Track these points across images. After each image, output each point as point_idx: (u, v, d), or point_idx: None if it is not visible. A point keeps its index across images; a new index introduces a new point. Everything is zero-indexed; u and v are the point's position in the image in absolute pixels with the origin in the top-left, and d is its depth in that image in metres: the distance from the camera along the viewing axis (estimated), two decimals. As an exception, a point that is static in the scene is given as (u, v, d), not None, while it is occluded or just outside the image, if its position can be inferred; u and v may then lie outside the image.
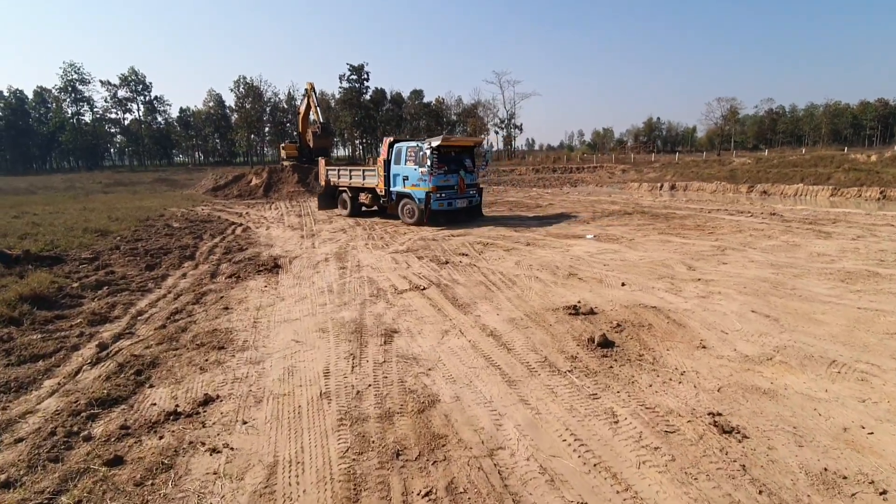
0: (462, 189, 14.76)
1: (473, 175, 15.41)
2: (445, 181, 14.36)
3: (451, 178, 14.52)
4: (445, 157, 14.43)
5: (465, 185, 14.85)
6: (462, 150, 15.24)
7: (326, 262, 9.71)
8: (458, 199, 14.80)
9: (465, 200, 15.04)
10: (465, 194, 14.94)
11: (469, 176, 15.08)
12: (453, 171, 14.55)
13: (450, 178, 14.48)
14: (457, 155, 14.90)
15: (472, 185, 15.34)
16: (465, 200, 15.07)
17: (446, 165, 14.37)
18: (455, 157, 14.80)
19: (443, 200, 14.38)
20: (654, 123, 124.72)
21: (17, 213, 20.01)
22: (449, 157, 14.58)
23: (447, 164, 14.41)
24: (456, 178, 14.62)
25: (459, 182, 14.67)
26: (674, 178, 32.95)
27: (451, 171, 14.51)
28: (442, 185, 14.30)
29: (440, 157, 14.08)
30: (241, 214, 19.60)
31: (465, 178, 14.77)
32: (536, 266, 8.66)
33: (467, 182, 14.96)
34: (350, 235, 13.31)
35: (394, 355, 4.90)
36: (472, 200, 15.35)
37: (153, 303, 6.83)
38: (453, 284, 7.55)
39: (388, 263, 9.37)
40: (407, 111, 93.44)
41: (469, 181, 15.09)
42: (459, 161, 14.90)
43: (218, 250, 11.20)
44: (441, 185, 14.27)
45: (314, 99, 27.85)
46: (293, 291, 7.43)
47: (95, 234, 13.11)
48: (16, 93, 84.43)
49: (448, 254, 10.15)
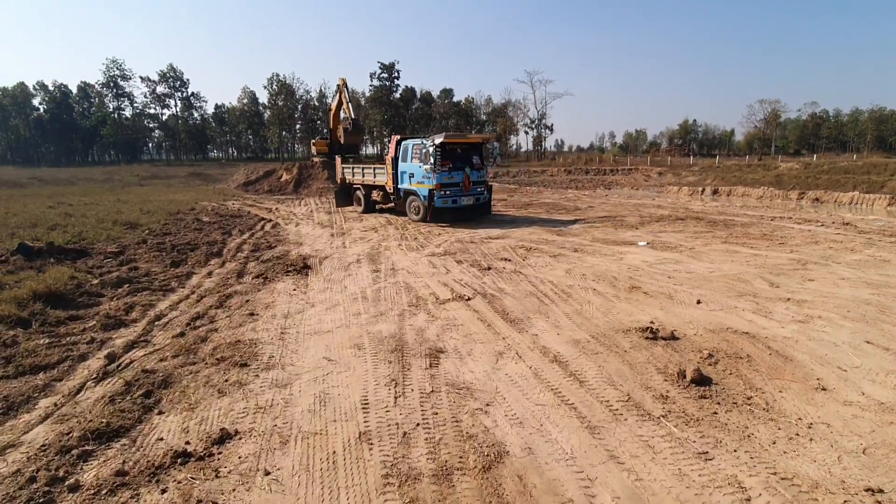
0: (467, 187, 14.48)
1: (482, 172, 15.12)
2: (450, 178, 14.12)
3: (455, 175, 14.24)
4: (451, 155, 14.24)
5: (471, 182, 14.59)
6: (469, 147, 14.99)
7: (358, 264, 9.02)
8: (463, 196, 14.50)
9: (471, 198, 14.76)
10: (470, 192, 14.66)
11: (476, 173, 14.81)
12: (459, 168, 14.29)
13: (454, 175, 14.22)
14: (463, 152, 14.67)
15: (479, 182, 15.02)
16: (472, 198, 14.78)
17: (451, 163, 14.17)
18: (461, 155, 14.56)
19: (447, 198, 14.17)
20: (690, 125, 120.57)
21: (54, 203, 20.25)
22: (455, 155, 14.38)
23: (452, 162, 14.22)
24: (461, 176, 14.33)
25: (465, 179, 14.37)
26: (715, 183, 31.24)
27: (457, 169, 14.26)
28: (446, 182, 14.08)
29: (445, 154, 13.95)
30: (271, 210, 19.26)
31: (470, 176, 14.50)
32: (591, 276, 7.74)
33: (473, 179, 14.69)
34: (382, 235, 12.64)
35: (442, 383, 4.11)
36: (479, 198, 15.05)
37: (174, 305, 6.26)
38: (500, 295, 6.72)
39: (424, 267, 8.61)
40: (436, 110, 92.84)
41: (476, 178, 14.81)
42: (466, 159, 14.64)
43: (246, 247, 10.69)
44: (445, 182, 14.05)
45: (346, 95, 27.39)
46: (324, 297, 6.74)
47: (125, 226, 12.85)
48: (60, 87, 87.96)
49: (489, 258, 9.32)
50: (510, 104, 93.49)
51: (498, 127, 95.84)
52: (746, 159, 57.73)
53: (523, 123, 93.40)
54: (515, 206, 19.19)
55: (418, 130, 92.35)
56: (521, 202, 20.79)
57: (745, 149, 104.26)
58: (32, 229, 12.30)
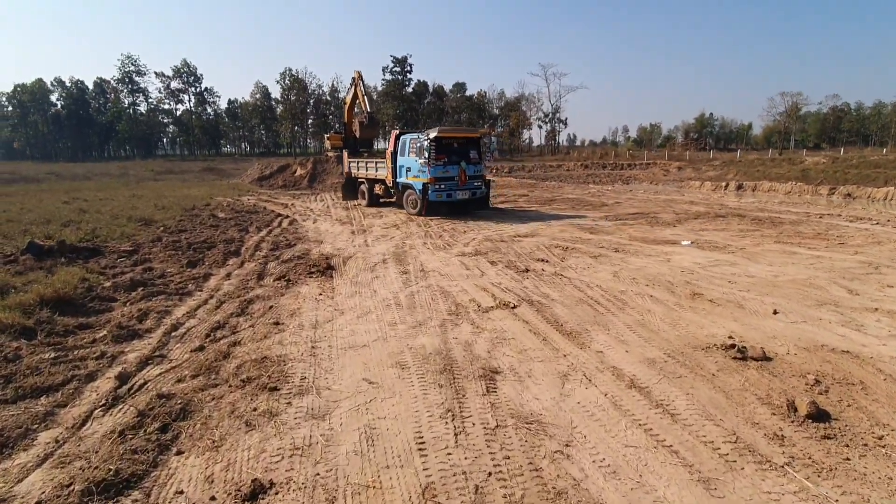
0: (463, 181, 14.37)
1: (478, 167, 15.03)
2: (444, 173, 14.11)
3: (450, 169, 14.20)
4: (447, 149, 14.22)
5: (467, 176, 14.49)
6: (467, 142, 14.91)
7: (385, 265, 8.42)
8: (458, 190, 14.41)
9: (466, 192, 14.65)
10: (466, 186, 14.55)
11: (472, 168, 14.74)
12: (454, 162, 14.23)
13: (449, 169, 14.18)
14: (460, 147, 14.60)
15: (476, 177, 14.94)
16: (468, 192, 14.68)
17: (446, 157, 14.15)
18: (458, 149, 14.50)
19: (441, 192, 14.14)
20: (707, 119, 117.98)
21: (69, 198, 20.01)
22: (451, 149, 14.34)
23: (448, 156, 14.19)
24: (457, 170, 14.26)
25: (460, 174, 14.28)
26: (737, 177, 30.13)
27: (452, 163, 14.20)
28: (441, 176, 14.07)
29: (441, 148, 13.99)
30: (287, 206, 18.78)
31: (466, 170, 14.39)
32: (643, 280, 7.03)
33: (469, 174, 14.60)
34: (404, 232, 12.03)
35: (507, 413, 3.48)
36: (475, 192, 14.94)
37: (192, 311, 5.71)
38: (548, 302, 6.06)
39: (456, 269, 7.97)
40: (449, 104, 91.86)
41: (472, 173, 14.74)
42: (463, 153, 14.56)
43: (265, 245, 10.15)
44: (440, 176, 14.06)
45: (362, 88, 26.62)
46: (353, 303, 6.14)
47: (139, 223, 12.41)
48: (77, 83, 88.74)
49: (524, 259, 8.65)
50: (523, 98, 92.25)
51: (511, 121, 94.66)
52: (770, 153, 55.98)
53: (537, 117, 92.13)
54: (538, 202, 18.46)
55: (430, 125, 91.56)
56: (544, 198, 20.04)
57: (762, 143, 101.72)
58: (46, 226, 11.92)
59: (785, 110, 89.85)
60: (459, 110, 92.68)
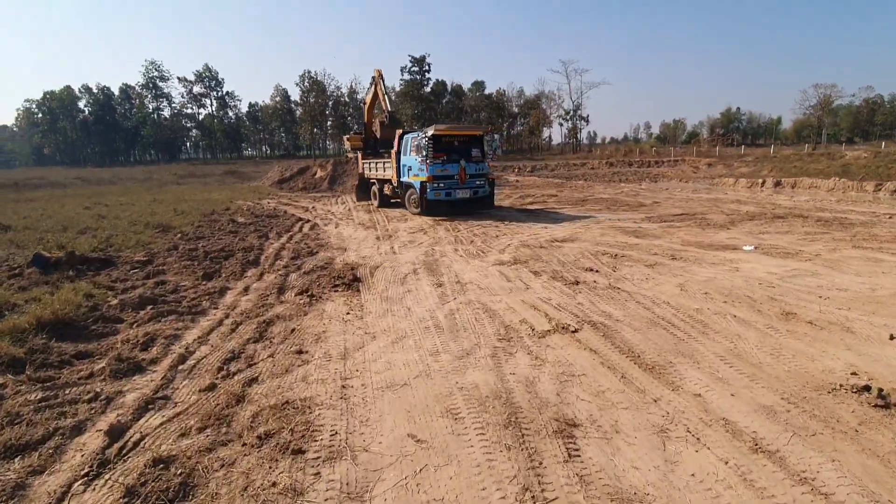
0: (462, 179, 14.07)
1: (481, 165, 14.66)
2: (443, 171, 13.86)
3: (449, 167, 13.92)
4: (446, 147, 13.99)
5: (468, 175, 14.21)
6: (469, 140, 14.57)
7: (416, 276, 7.63)
8: (458, 189, 14.13)
9: (467, 191, 14.33)
10: (466, 184, 14.24)
11: (474, 166, 14.42)
12: (454, 160, 13.94)
13: (448, 167, 13.90)
14: (461, 145, 14.32)
15: (478, 175, 14.60)
16: (469, 191, 14.36)
17: (445, 155, 13.90)
18: (458, 147, 14.23)
19: (440, 190, 13.91)
20: (733, 114, 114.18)
21: (91, 203, 19.87)
22: (451, 147, 14.09)
23: (448, 154, 13.95)
24: (456, 168, 13.95)
25: (460, 172, 13.97)
26: (773, 174, 28.50)
27: (452, 161, 13.92)
28: (439, 174, 13.84)
29: (440, 146, 13.81)
30: (308, 209, 18.21)
31: (466, 168, 14.07)
32: (716, 295, 6.07)
33: (471, 172, 14.31)
34: (432, 237, 11.24)
35: (602, 492, 2.63)
36: (477, 191, 14.61)
37: (204, 336, 5.00)
38: (612, 323, 5.16)
39: (496, 281, 7.13)
40: (468, 103, 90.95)
41: (474, 171, 14.42)
42: (464, 151, 14.28)
43: (285, 254, 9.48)
44: (438, 174, 13.82)
45: (382, 87, 25.92)
46: (386, 324, 5.36)
47: (157, 229, 11.93)
48: (103, 90, 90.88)
49: (571, 268, 7.75)
50: (543, 95, 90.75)
51: (531, 120, 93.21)
52: (807, 148, 53.45)
53: (557, 115, 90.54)
54: (570, 203, 17.46)
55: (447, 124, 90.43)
56: (575, 198, 19.01)
57: (792, 137, 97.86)
58: (62, 233, 11.53)
59: (818, 102, 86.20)
60: (478, 109, 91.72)
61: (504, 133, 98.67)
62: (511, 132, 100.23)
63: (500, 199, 19.20)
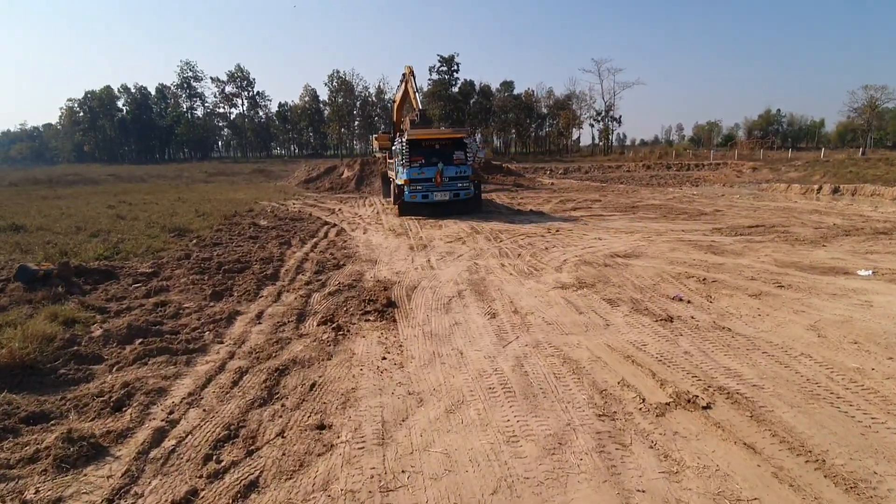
0: (438, 182, 14.20)
1: (462, 168, 14.72)
2: (420, 174, 14.21)
3: (426, 171, 14.22)
4: (425, 151, 14.37)
5: (447, 178, 14.37)
6: (451, 143, 14.79)
7: (462, 300, 6.31)
8: (436, 192, 14.32)
9: (446, 193, 14.40)
10: (445, 187, 14.35)
11: (454, 168, 14.55)
12: (432, 164, 14.21)
13: (425, 171, 14.22)
14: (442, 148, 14.59)
15: (459, 178, 14.66)
16: (447, 193, 14.42)
17: (423, 158, 14.28)
18: (439, 151, 14.50)
19: (416, 193, 14.22)
20: (773, 116, 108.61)
21: (116, 202, 19.36)
22: (431, 151, 14.43)
23: (426, 158, 14.28)
24: (433, 172, 14.17)
25: (436, 175, 14.14)
26: (826, 179, 26.01)
27: (430, 164, 14.21)
28: (416, 178, 14.18)
29: (419, 150, 14.29)
30: (334, 211, 17.13)
31: (443, 171, 14.22)
32: (869, 344, 4.52)
33: (450, 175, 14.45)
34: (473, 248, 9.90)
35: None
36: (459, 194, 14.62)
37: (196, 392, 3.79)
38: (751, 391, 3.70)
39: (564, 312, 5.73)
40: (496, 103, 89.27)
41: (453, 174, 14.54)
42: (444, 154, 14.49)
43: (308, 266, 8.31)
44: (415, 178, 14.18)
45: (413, 84, 24.72)
46: (435, 378, 4.04)
47: (173, 233, 10.97)
48: (141, 89, 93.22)
49: (652, 296, 6.28)
50: (574, 95, 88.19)
51: (560, 121, 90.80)
52: (862, 152, 49.72)
53: (588, 115, 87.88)
54: (619, 210, 15.82)
55: (477, 125, 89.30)
56: (622, 204, 17.34)
57: (836, 141, 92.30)
58: (74, 236, 10.71)
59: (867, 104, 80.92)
60: (507, 110, 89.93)
61: (532, 134, 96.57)
62: (539, 133, 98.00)
63: (539, 205, 17.73)
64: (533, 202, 18.50)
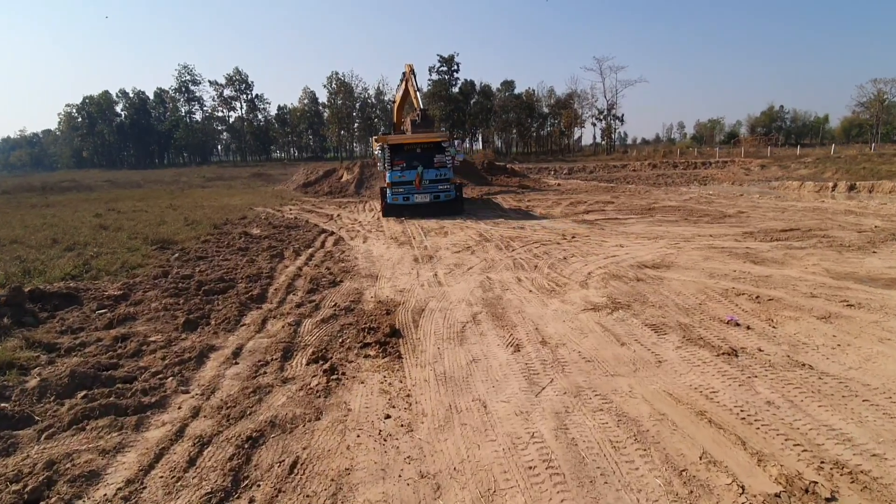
0: (418, 185, 14.87)
1: (443, 171, 15.33)
2: (400, 177, 14.93)
3: (407, 174, 14.96)
4: (406, 154, 15.03)
5: (428, 181, 15.01)
6: (433, 147, 15.33)
7: (478, 326, 5.38)
8: (416, 194, 14.97)
9: (427, 196, 15.05)
10: (426, 189, 15.02)
11: (434, 172, 15.17)
12: (412, 167, 14.92)
13: (406, 174, 14.95)
14: (423, 152, 15.17)
15: (440, 180, 15.26)
16: (428, 196, 15.06)
17: (404, 162, 14.95)
18: (420, 155, 15.10)
19: (398, 195, 14.89)
20: (776, 112, 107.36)
21: (104, 209, 18.47)
22: (412, 154, 15.07)
23: (407, 161, 14.96)
24: (413, 174, 14.88)
25: (416, 178, 14.82)
26: (839, 176, 25.08)
27: (411, 168, 14.92)
28: (398, 181, 14.91)
29: (400, 154, 15.00)
30: (332, 217, 16.21)
31: (423, 175, 14.90)
32: None
33: (430, 178, 15.08)
34: (483, 259, 8.97)
35: None
36: (439, 196, 15.18)
37: (139, 477, 2.86)
38: (876, 466, 2.76)
39: (601, 342, 4.79)
40: (497, 103, 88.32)
41: (433, 177, 15.15)
42: (425, 158, 15.11)
43: (300, 284, 7.38)
44: (396, 181, 14.91)
45: (413, 83, 23.76)
46: (455, 451, 3.11)
47: (155, 245, 10.06)
48: (139, 94, 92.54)
49: (701, 318, 5.34)
50: (575, 94, 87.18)
51: (562, 120, 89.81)
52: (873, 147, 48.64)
53: (590, 114, 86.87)
54: (634, 213, 14.88)
55: (478, 125, 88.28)
56: (637, 206, 16.39)
57: (841, 137, 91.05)
58: (48, 250, 9.80)
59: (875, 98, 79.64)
60: (507, 109, 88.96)
61: (533, 134, 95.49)
62: (541, 133, 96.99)
63: (549, 208, 16.79)
64: (542, 205, 17.56)
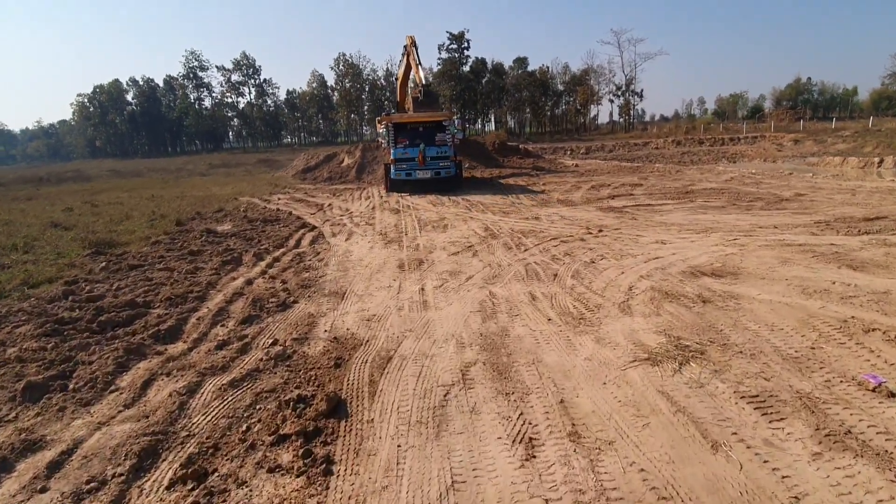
0: (421, 161, 15.44)
1: (443, 149, 15.87)
2: (404, 154, 15.60)
3: (410, 151, 15.60)
4: (409, 133, 15.83)
5: (429, 157, 15.53)
6: (432, 125, 16.02)
7: (468, 397, 3.43)
8: (418, 170, 15.57)
9: (428, 172, 15.61)
10: (428, 166, 15.56)
11: (436, 149, 15.73)
12: (415, 145, 15.55)
13: (409, 151, 15.60)
14: (425, 130, 15.87)
15: (441, 157, 15.75)
16: (429, 172, 15.62)
17: (407, 140, 15.69)
18: (422, 133, 15.81)
19: (401, 171, 15.61)
20: (803, 85, 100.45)
21: (81, 202, 16.93)
22: (416, 132, 15.82)
23: (410, 139, 15.69)
24: (416, 152, 15.48)
25: (419, 155, 15.40)
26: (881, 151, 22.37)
27: (413, 145, 15.57)
28: (401, 157, 15.59)
29: (404, 132, 15.84)
30: (321, 208, 14.30)
31: (425, 152, 15.46)
32: None
33: (431, 155, 15.59)
34: (488, 263, 6.98)
35: None
36: (440, 172, 15.72)
37: None
38: None
39: (675, 440, 2.80)
40: (509, 82, 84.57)
41: (435, 154, 15.67)
42: (427, 135, 15.79)
43: (237, 308, 5.51)
44: (399, 157, 15.59)
45: (415, 56, 21.43)
46: None
47: (92, 250, 8.29)
48: (148, 82, 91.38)
49: (818, 376, 3.30)
50: (592, 70, 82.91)
51: (578, 98, 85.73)
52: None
53: (608, 91, 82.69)
54: (670, 197, 12.65)
55: (490, 105, 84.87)
56: (671, 189, 14.09)
57: (871, 109, 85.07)
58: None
59: (904, 68, 73.63)
60: (520, 88, 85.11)
61: (548, 113, 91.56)
62: (555, 111, 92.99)
63: (568, 192, 14.61)
64: (559, 189, 15.36)
